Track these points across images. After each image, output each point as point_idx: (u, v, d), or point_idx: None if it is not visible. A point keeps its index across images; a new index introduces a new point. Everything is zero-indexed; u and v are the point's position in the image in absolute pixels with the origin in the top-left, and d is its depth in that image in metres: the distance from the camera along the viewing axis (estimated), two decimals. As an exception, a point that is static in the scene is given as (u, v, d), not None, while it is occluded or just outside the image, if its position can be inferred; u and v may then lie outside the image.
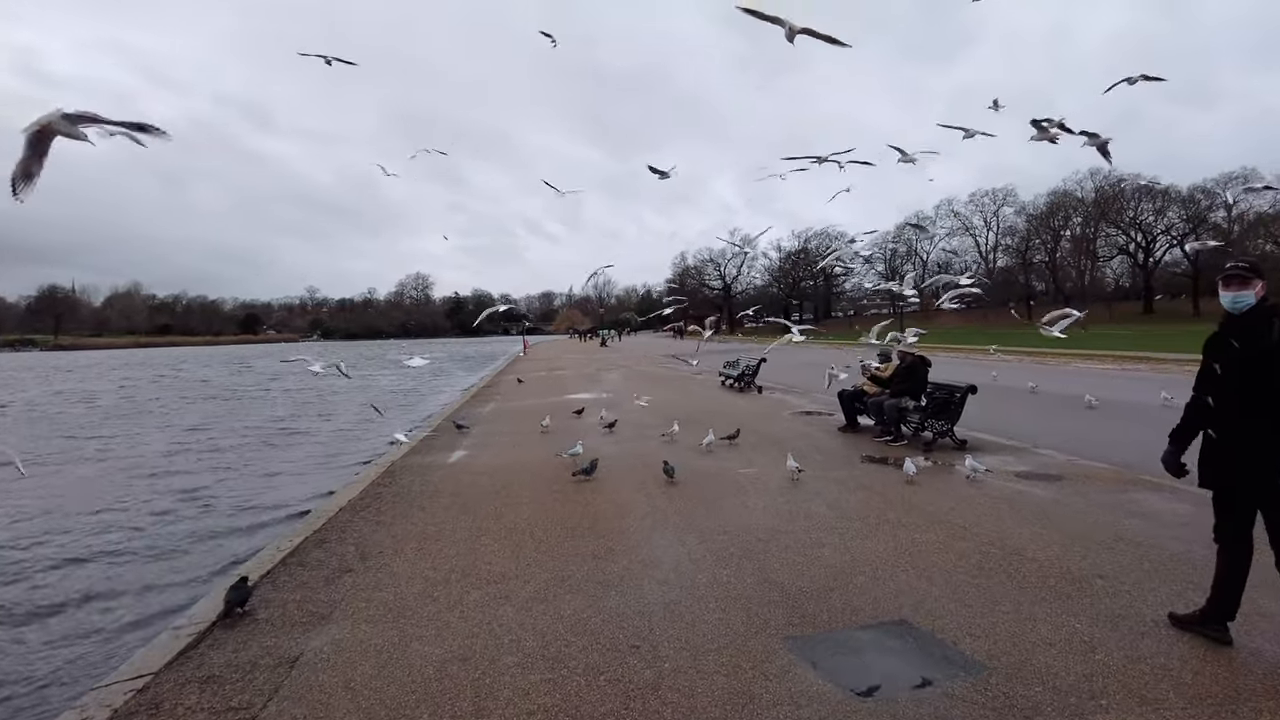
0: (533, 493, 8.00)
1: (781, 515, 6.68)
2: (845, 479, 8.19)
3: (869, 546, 5.68)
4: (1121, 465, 8.63)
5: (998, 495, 7.26)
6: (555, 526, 6.59)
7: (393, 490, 8.56)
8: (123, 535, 9.08)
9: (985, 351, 32.05)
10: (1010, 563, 5.22)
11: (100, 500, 10.96)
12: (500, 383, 25.71)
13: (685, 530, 6.27)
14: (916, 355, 10.80)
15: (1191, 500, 6.84)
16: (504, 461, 9.92)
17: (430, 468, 9.80)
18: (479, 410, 16.72)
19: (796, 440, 10.83)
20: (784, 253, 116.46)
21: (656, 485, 8.10)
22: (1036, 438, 10.66)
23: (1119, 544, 5.59)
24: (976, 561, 5.27)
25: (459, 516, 7.14)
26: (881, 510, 6.76)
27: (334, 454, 14.51)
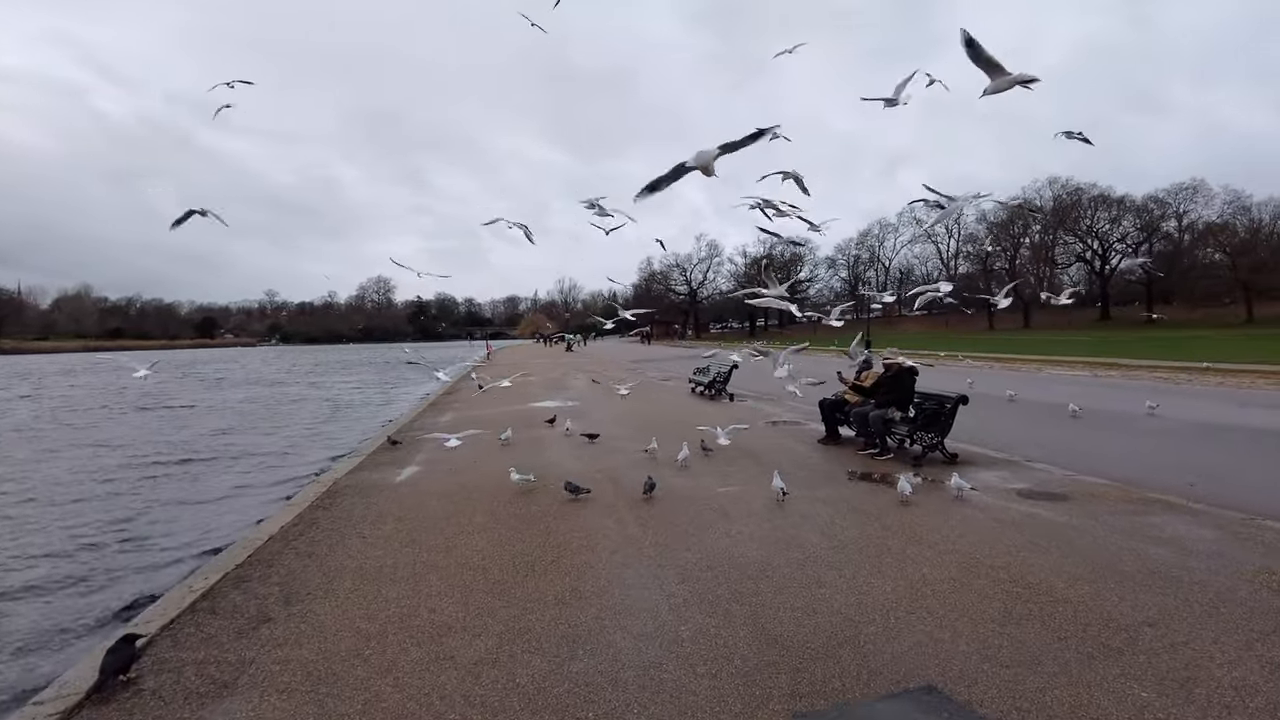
0: (489, 518, 7.14)
1: (771, 545, 5.91)
2: (834, 499, 7.46)
3: (875, 586, 4.94)
4: (1124, 481, 8.07)
5: (1005, 518, 6.58)
6: (513, 561, 5.74)
7: (332, 515, 7.63)
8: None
9: (955, 358, 31.83)
10: (1040, 605, 4.51)
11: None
12: (460, 389, 24.66)
13: (663, 565, 5.47)
14: (903, 363, 10.14)
15: (1212, 524, 6.28)
16: (459, 480, 9.03)
17: (376, 487, 8.87)
18: (435, 420, 15.75)
19: (775, 454, 10.10)
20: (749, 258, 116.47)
21: (629, 507, 7.29)
22: (1027, 450, 10.08)
23: (1153, 580, 4.92)
24: (1001, 605, 4.55)
25: (403, 548, 6.25)
26: (881, 538, 6.03)
27: (274, 471, 13.21)
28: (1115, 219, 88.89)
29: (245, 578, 5.64)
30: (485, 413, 16.81)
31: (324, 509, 7.90)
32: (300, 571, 5.73)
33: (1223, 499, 7.29)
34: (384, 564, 5.84)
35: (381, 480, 9.30)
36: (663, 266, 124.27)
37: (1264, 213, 78.13)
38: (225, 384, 39.17)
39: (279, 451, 15.03)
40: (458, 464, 10.04)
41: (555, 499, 7.77)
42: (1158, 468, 9.03)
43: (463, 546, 6.19)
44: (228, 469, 13.22)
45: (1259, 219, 78.27)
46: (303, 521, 7.39)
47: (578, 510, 7.25)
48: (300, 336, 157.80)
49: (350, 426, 19.31)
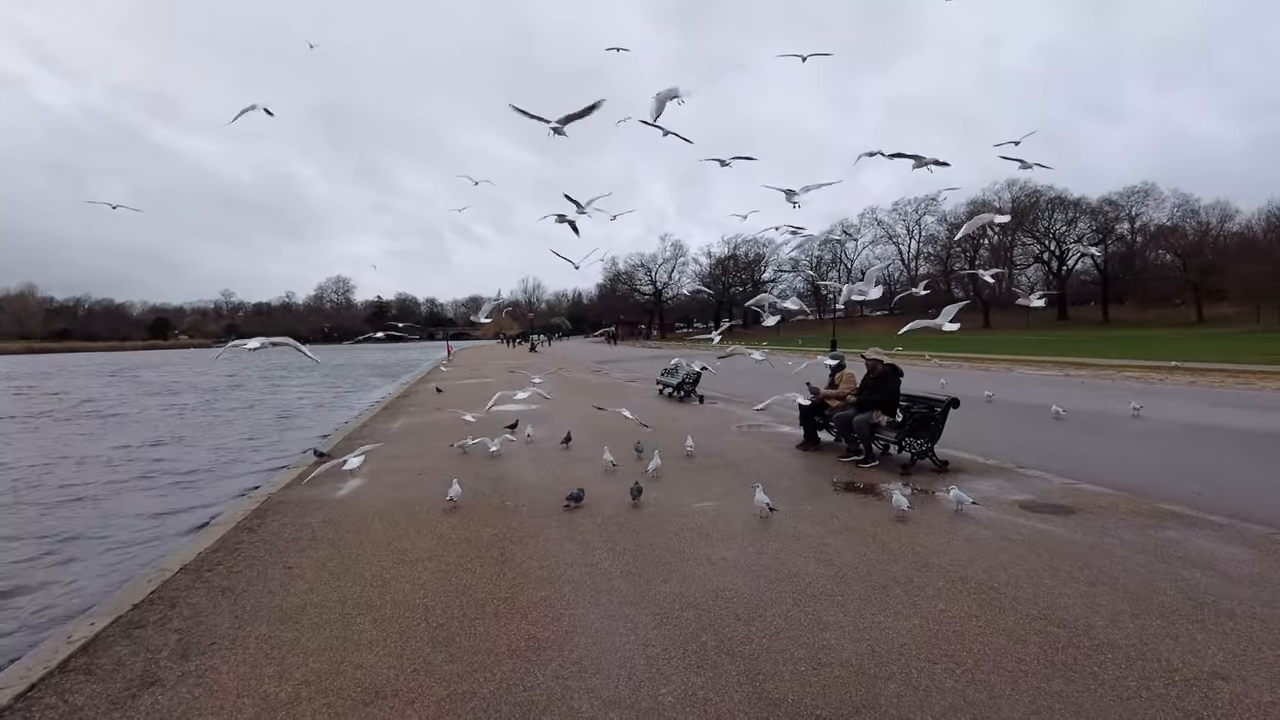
0: (436, 542, 6.28)
1: (760, 574, 5.14)
2: (823, 516, 6.73)
3: (886, 626, 4.20)
4: (1127, 490, 7.50)
5: (1014, 536, 5.91)
6: (460, 598, 4.90)
7: (258, 537, 6.71)
8: None
9: (921, 358, 31.53)
10: (1084, 651, 3.82)
11: None
12: (417, 392, 23.58)
13: (636, 603, 4.67)
14: (887, 363, 9.49)
15: (1239, 541, 5.69)
16: (406, 496, 8.13)
17: (312, 504, 7.95)
18: (387, 426, 14.74)
19: (753, 462, 9.38)
20: (714, 259, 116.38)
21: (597, 529, 6.47)
22: (1017, 455, 9.49)
23: (1203, 615, 4.26)
24: (1038, 649, 3.85)
25: (333, 581, 5.37)
26: (883, 564, 5.30)
27: (199, 491, 11.43)
28: (1071, 220, 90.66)
29: (140, 622, 4.74)
30: (441, 417, 15.85)
31: (250, 530, 6.98)
32: (208, 613, 4.83)
33: (1236, 509, 6.72)
34: (308, 602, 4.97)
35: (320, 496, 8.37)
36: (628, 267, 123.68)
37: (1211, 216, 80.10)
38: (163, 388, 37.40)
39: (211, 465, 13.59)
40: (406, 476, 9.15)
41: (513, 518, 6.94)
42: (1157, 473, 8.48)
43: (402, 580, 5.33)
44: (151, 486, 11.98)
45: (1206, 222, 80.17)
46: (224, 547, 6.47)
47: (537, 532, 6.42)
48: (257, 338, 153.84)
49: (299, 433, 18.15)
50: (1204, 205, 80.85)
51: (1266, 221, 69.55)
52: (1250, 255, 63.56)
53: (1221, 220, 79.18)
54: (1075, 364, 26.39)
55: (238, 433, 17.90)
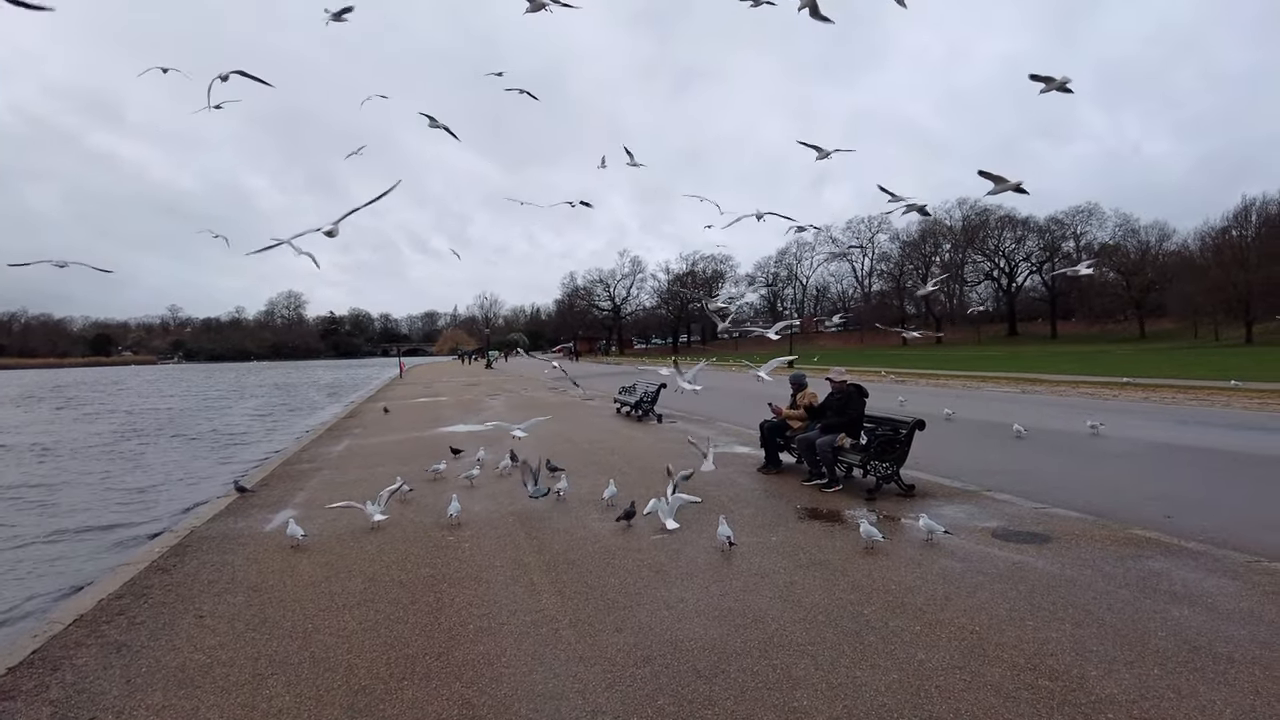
0: (367, 584, 5.70)
1: (723, 620, 4.68)
2: (789, 547, 6.31)
3: (864, 683, 3.77)
4: (1099, 514, 7.27)
5: (990, 570, 5.56)
6: (388, 654, 4.35)
7: (171, 580, 6.06)
8: None
9: (878, 374, 31.62)
10: (1081, 710, 3.44)
11: None
12: (364, 412, 22.72)
13: (586, 658, 4.17)
14: (851, 383, 9.16)
15: (1220, 570, 5.44)
16: (340, 529, 7.52)
17: (237, 540, 7.29)
18: (328, 450, 13.98)
19: (713, 487, 8.94)
20: (672, 275, 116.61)
21: (541, 567, 5.96)
22: (983, 478, 9.23)
23: (1200, 660, 3.93)
24: (1030, 710, 3.46)
25: (248, 633, 4.78)
26: (855, 605, 4.89)
27: (122, 520, 10.60)
28: (1020, 239, 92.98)
29: (11, 691, 4.10)
30: (387, 439, 15.15)
31: (164, 572, 6.33)
32: (95, 677, 4.21)
33: (1210, 534, 6.52)
34: (216, 660, 4.37)
35: (246, 530, 7.72)
36: (586, 282, 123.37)
37: (1150, 235, 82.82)
38: (88, 409, 35.77)
39: (130, 499, 12.45)
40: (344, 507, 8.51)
41: (453, 555, 6.39)
42: (1126, 496, 8.27)
43: (326, 630, 4.76)
44: (54, 516, 11.02)
45: (1146, 241, 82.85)
46: (130, 591, 5.83)
47: (479, 573, 5.88)
48: (205, 354, 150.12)
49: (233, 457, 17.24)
50: (1143, 225, 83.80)
51: (1201, 241, 71.96)
52: (1188, 274, 65.61)
53: (1160, 240, 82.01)
54: (1031, 380, 26.63)
55: (165, 461, 16.88)
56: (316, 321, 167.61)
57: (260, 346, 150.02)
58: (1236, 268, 59.91)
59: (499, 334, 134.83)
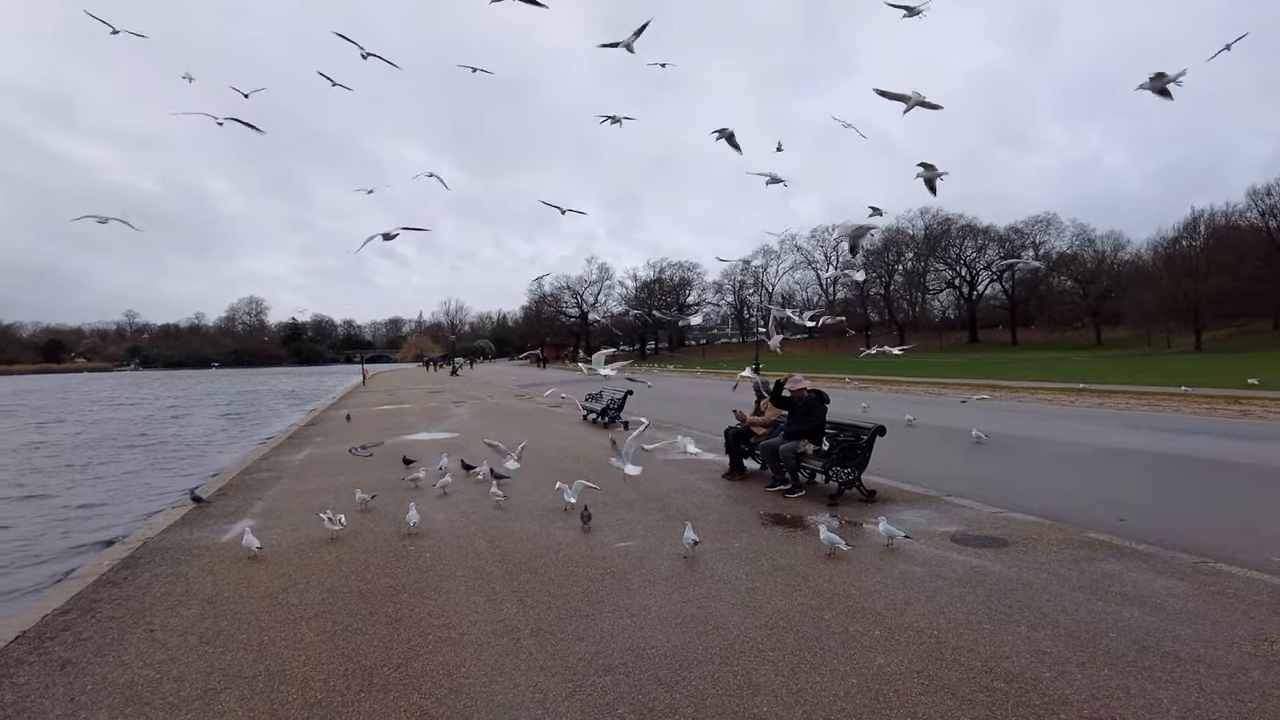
0: (325, 595, 5.61)
1: (684, 627, 4.68)
2: (751, 553, 6.35)
3: (823, 688, 3.80)
4: (1055, 518, 7.42)
5: (949, 574, 5.64)
6: (345, 665, 4.28)
7: (121, 594, 5.90)
8: None
9: (841, 381, 31.96)
10: (1035, 712, 3.49)
11: None
12: (326, 420, 22.40)
13: (547, 668, 4.14)
14: (813, 390, 9.25)
15: (1169, 572, 5.59)
16: (299, 539, 7.39)
17: (192, 551, 7.13)
18: (289, 458, 13.74)
19: (677, 494, 8.96)
20: (640, 282, 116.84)
21: (504, 577, 5.90)
22: (943, 483, 9.37)
23: (1149, 660, 4.02)
24: (986, 711, 3.51)
25: (201, 648, 4.66)
26: (816, 611, 4.93)
27: (71, 531, 10.30)
28: (981, 248, 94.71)
29: (-51, 711, 3.95)
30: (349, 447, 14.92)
31: (113, 585, 6.16)
32: (38, 696, 4.08)
33: (1160, 536, 6.68)
34: (166, 675, 4.26)
35: (203, 540, 7.55)
36: (553, 289, 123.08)
37: (1106, 245, 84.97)
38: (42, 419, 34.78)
39: (79, 510, 12.04)
40: (304, 517, 8.38)
41: (414, 565, 6.32)
42: (1081, 500, 8.45)
43: (282, 643, 4.67)
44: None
45: (1102, 250, 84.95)
46: (77, 606, 5.65)
47: (439, 583, 5.81)
48: (163, 361, 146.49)
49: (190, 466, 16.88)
50: (1099, 235, 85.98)
51: (1154, 251, 74.10)
52: (1142, 282, 67.42)
53: (1115, 249, 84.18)
54: (990, 386, 27.10)
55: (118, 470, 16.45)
56: (279, 328, 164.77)
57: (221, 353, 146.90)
58: (1186, 277, 61.73)
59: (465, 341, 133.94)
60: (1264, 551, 6.21)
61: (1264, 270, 61.65)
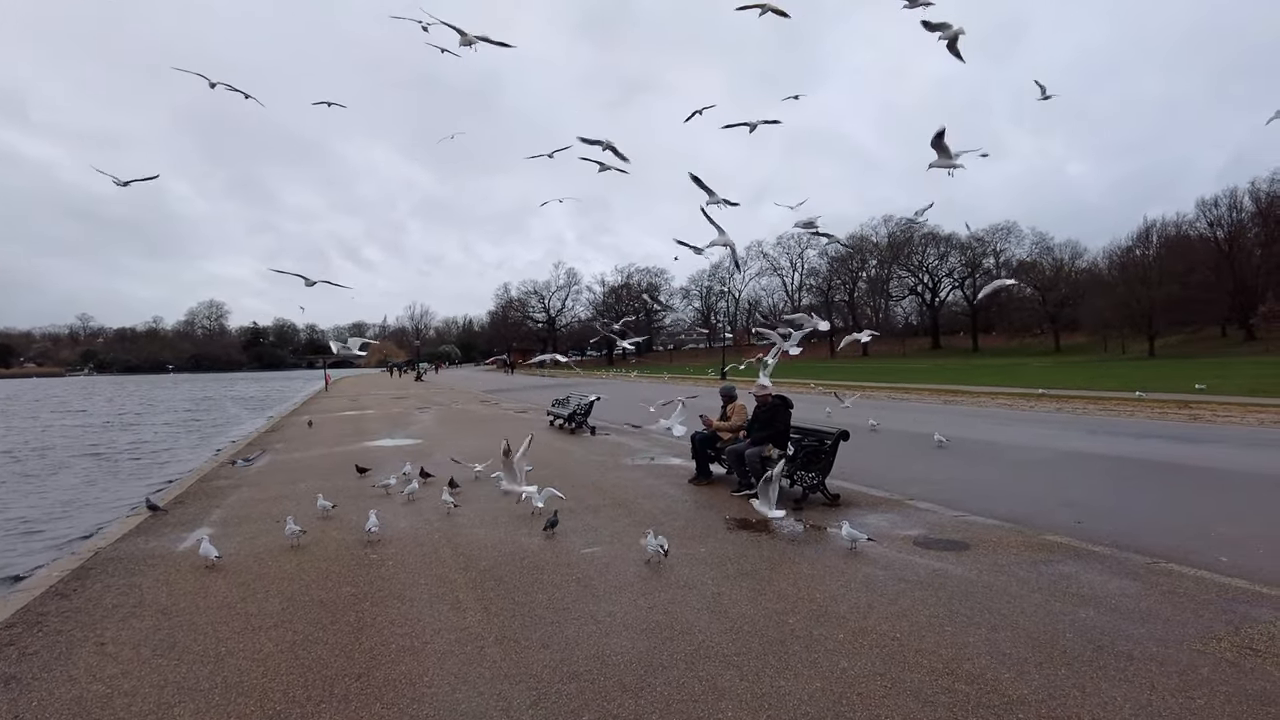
0: (285, 604, 5.50)
1: (650, 634, 4.67)
2: (717, 559, 6.36)
3: (788, 692, 3.81)
4: (1015, 521, 7.55)
5: (911, 577, 5.71)
6: (305, 676, 4.20)
7: (71, 605, 5.72)
8: None
9: (806, 386, 32.23)
10: (995, 712, 3.54)
11: None
12: (287, 426, 22.03)
13: (511, 676, 4.10)
14: (777, 396, 9.32)
15: (1124, 572, 5.73)
16: (258, 548, 7.24)
17: (147, 560, 6.94)
18: (249, 465, 13.49)
19: (644, 499, 8.96)
20: (608, 287, 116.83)
21: (468, 584, 5.84)
22: (905, 487, 9.49)
23: (1104, 659, 4.11)
24: (947, 711, 3.55)
25: (154, 660, 4.54)
26: (780, 615, 4.95)
27: (11, 545, 9.83)
28: (943, 255, 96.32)
29: (-116, 730, 3.80)
30: (311, 454, 14.71)
31: (62, 597, 5.97)
32: (-18, 712, 3.94)
33: (1115, 537, 6.85)
34: (117, 690, 4.14)
35: (157, 550, 7.36)
36: (520, 293, 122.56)
37: (1064, 253, 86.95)
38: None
39: (26, 521, 11.73)
40: (264, 525, 8.22)
41: (377, 573, 6.22)
42: (1041, 503, 8.61)
43: (240, 654, 4.56)
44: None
45: (1060, 258, 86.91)
46: (22, 620, 5.47)
47: (403, 591, 5.73)
48: (119, 365, 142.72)
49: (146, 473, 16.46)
50: (1057, 243, 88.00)
51: (1109, 259, 76.03)
52: (1098, 290, 69.10)
53: (1072, 257, 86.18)
54: (952, 391, 27.54)
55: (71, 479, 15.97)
56: (239, 332, 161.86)
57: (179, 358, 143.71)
58: (1140, 285, 63.43)
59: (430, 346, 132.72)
60: (1213, 552, 6.39)
61: (1212, 279, 63.60)
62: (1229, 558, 6.21)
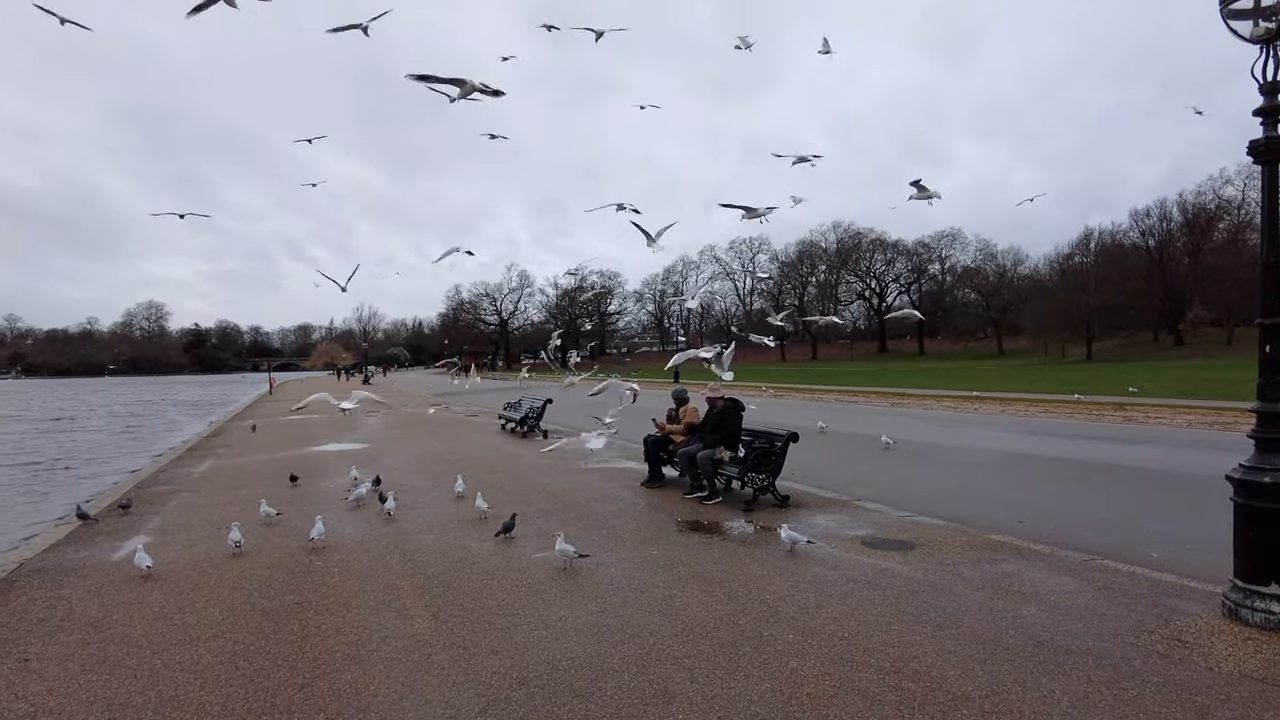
0: (226, 614, 5.33)
1: (601, 637, 4.65)
2: (669, 561, 6.37)
3: (738, 693, 3.83)
4: (959, 521, 7.72)
5: (859, 577, 5.79)
6: (247, 689, 4.06)
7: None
8: None
9: (758, 390, 32.52)
10: (940, 708, 3.60)
11: None
12: (229, 430, 21.43)
13: (460, 683, 4.04)
14: (729, 398, 9.39)
15: (1063, 569, 5.90)
16: (198, 556, 7.01)
17: (77, 572, 6.67)
18: (189, 471, 13.07)
19: (596, 502, 8.95)
20: (561, 290, 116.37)
21: (416, 591, 5.74)
22: (853, 488, 9.65)
23: (1044, 654, 4.21)
24: (894, 710, 3.60)
25: (82, 676, 4.35)
26: (730, 616, 4.97)
27: None
28: (890, 261, 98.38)
29: None
30: (254, 459, 14.33)
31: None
32: (-108, 735, 3.73)
33: (1055, 536, 7.04)
34: (41, 708, 3.95)
35: (89, 560, 7.08)
36: (472, 295, 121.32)
37: (1006, 260, 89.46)
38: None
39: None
40: (204, 532, 7.98)
41: (322, 581, 6.08)
42: (984, 504, 8.81)
43: (176, 667, 4.41)
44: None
45: (1003, 265, 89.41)
46: (-61, 637, 5.19)
47: (348, 599, 5.60)
48: (50, 368, 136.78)
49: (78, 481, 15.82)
50: (1000, 250, 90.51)
51: (1050, 266, 78.53)
52: (1039, 296, 71.26)
53: (1015, 264, 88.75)
54: (899, 394, 28.09)
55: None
56: (180, 334, 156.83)
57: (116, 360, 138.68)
58: (1078, 292, 65.64)
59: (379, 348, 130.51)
60: (1145, 548, 6.63)
61: (1145, 286, 66.14)
62: (1160, 554, 6.44)
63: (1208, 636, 4.44)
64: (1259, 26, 4.43)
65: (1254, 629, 4.50)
